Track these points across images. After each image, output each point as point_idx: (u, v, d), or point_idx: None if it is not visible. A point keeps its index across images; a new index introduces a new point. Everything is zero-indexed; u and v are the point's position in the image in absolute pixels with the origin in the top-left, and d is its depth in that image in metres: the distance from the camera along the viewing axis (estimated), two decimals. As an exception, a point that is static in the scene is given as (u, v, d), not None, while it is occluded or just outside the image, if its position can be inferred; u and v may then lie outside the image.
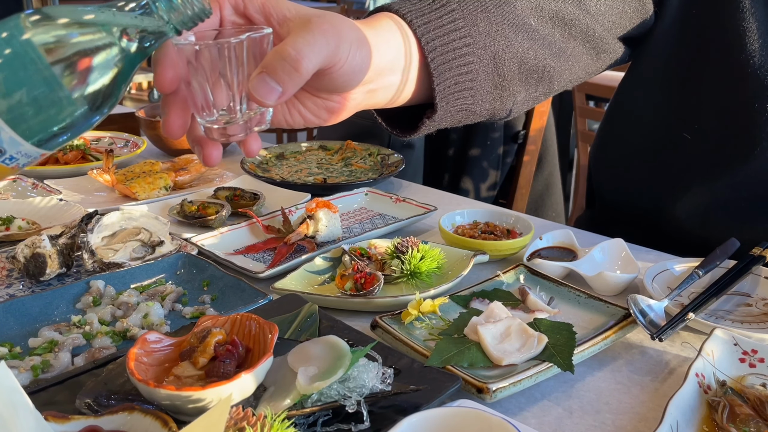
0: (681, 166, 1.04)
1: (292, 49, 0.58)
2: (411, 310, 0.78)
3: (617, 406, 0.68)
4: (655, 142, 1.07)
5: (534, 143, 2.15)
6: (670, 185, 1.06)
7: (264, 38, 0.59)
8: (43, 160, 1.37)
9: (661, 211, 1.07)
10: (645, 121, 1.09)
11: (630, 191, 1.13)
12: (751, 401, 0.64)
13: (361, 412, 0.59)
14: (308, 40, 0.59)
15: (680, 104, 1.03)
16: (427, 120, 0.82)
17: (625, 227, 1.13)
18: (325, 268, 0.95)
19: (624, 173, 1.13)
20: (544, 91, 0.97)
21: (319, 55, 0.59)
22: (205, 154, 0.64)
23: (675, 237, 1.07)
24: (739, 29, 0.94)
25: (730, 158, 0.98)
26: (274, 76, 0.57)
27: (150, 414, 0.55)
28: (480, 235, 1.04)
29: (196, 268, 0.91)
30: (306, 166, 1.43)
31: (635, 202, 1.12)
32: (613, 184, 1.17)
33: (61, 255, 0.91)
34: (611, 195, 1.18)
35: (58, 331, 0.77)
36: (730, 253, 0.91)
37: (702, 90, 1.00)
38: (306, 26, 0.60)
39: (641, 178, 1.10)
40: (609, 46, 0.99)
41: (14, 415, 0.49)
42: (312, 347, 0.64)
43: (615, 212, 1.19)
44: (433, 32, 0.78)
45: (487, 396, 0.64)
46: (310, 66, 0.59)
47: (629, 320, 0.76)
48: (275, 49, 0.58)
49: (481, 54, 0.84)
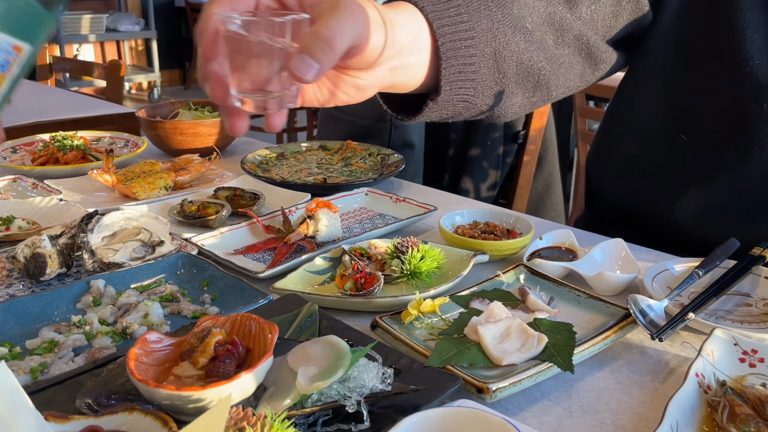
0: (678, 168, 1.04)
1: (326, 30, 0.63)
2: (411, 310, 0.78)
3: (617, 406, 0.68)
4: (653, 144, 1.07)
5: (534, 143, 2.15)
6: (668, 187, 1.06)
7: (304, 21, 0.64)
8: (42, 160, 1.38)
9: (660, 212, 1.07)
10: (643, 123, 1.09)
11: (629, 193, 1.13)
12: (751, 401, 0.64)
13: (361, 412, 0.59)
14: (339, 20, 0.64)
15: (677, 106, 1.03)
16: (431, 102, 0.85)
17: (625, 228, 1.13)
18: (325, 268, 0.95)
19: (623, 176, 1.13)
20: (542, 97, 0.98)
21: (350, 34, 0.65)
22: (232, 123, 0.68)
23: (674, 237, 1.07)
24: (736, 30, 0.94)
25: (727, 160, 0.98)
26: (312, 54, 0.62)
27: (150, 414, 0.55)
28: (480, 235, 1.04)
29: (196, 268, 0.91)
30: (306, 166, 1.43)
31: (634, 204, 1.12)
32: (612, 186, 1.17)
33: (61, 255, 0.91)
34: (610, 197, 1.18)
35: (58, 331, 0.77)
36: (730, 253, 0.91)
37: (699, 92, 1.00)
38: (336, 8, 0.65)
39: (640, 180, 1.10)
40: (604, 54, 1.01)
41: (14, 415, 0.49)
42: (312, 347, 0.65)
43: (614, 213, 1.19)
44: (443, 20, 0.83)
45: (487, 396, 0.64)
46: (342, 44, 0.64)
47: (629, 320, 0.77)
48: (311, 30, 0.63)
49: (484, 49, 0.87)
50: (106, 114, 1.76)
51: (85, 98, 2.27)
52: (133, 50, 7.22)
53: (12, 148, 1.48)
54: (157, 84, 6.80)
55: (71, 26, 6.19)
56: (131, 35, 6.71)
